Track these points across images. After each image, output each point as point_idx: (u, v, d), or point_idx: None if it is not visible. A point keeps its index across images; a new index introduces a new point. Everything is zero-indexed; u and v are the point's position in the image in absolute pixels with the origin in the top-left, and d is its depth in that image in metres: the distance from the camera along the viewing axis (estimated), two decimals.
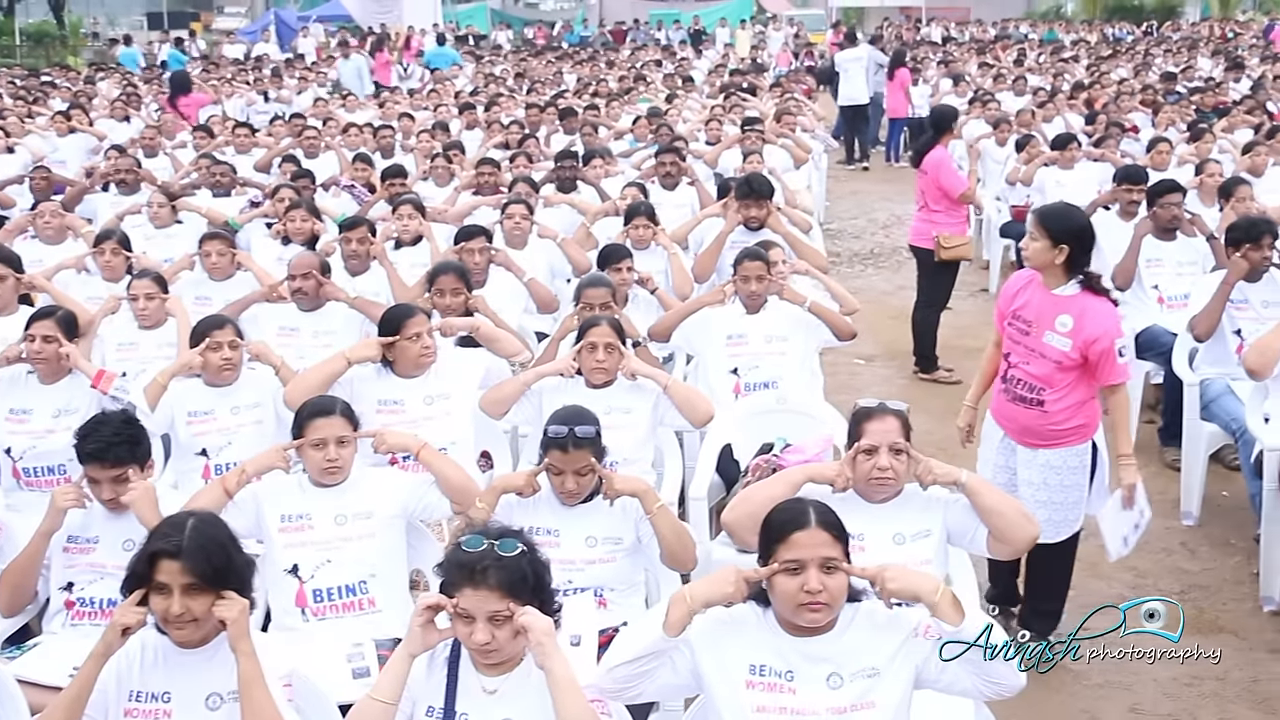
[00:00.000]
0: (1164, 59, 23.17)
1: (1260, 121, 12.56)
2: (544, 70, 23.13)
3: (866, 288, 11.72)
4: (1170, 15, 38.29)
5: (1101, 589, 5.98)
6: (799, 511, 3.21)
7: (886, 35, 29.59)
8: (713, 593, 3.18)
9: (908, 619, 3.21)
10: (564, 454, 4.25)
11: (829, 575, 3.12)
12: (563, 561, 4.25)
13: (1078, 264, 4.94)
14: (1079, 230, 4.95)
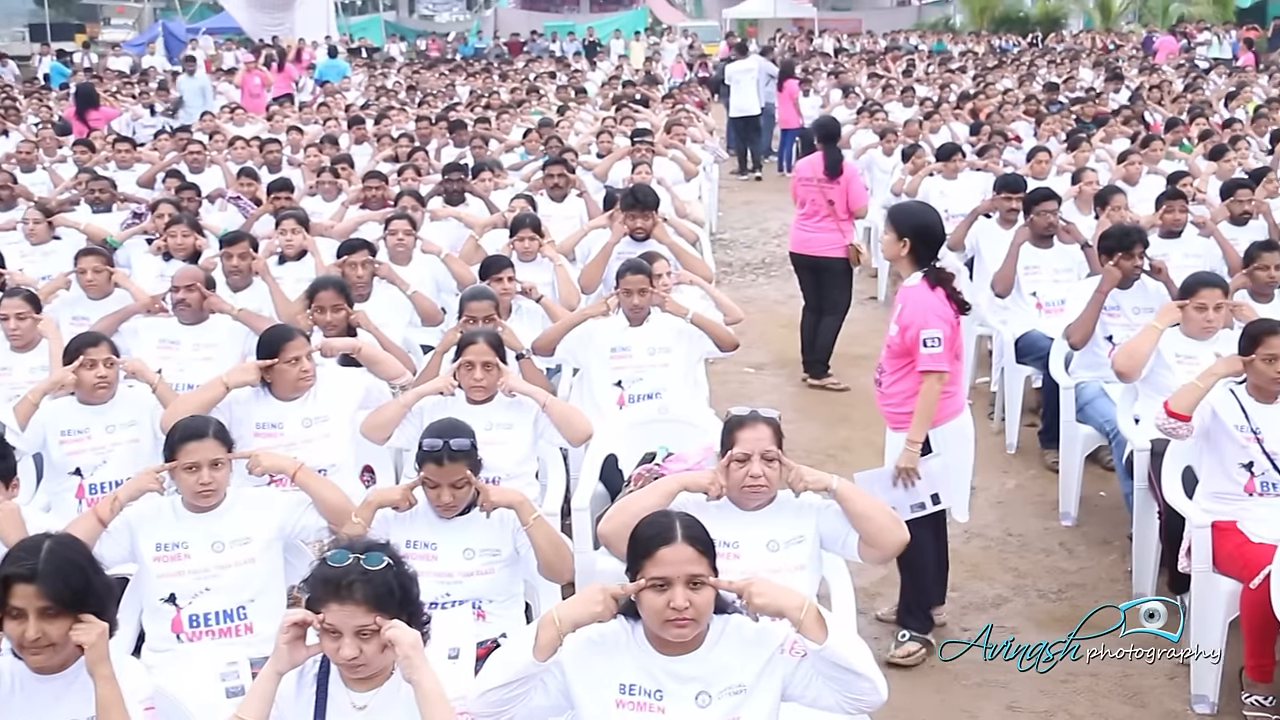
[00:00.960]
0: (1048, 70, 23.66)
1: (1137, 131, 12.87)
2: (436, 82, 23.00)
3: (758, 296, 11.84)
4: (1055, 27, 39.10)
5: (983, 589, 6.11)
6: (665, 527, 3.23)
7: (779, 47, 29.91)
8: (581, 613, 3.20)
9: (775, 634, 3.25)
10: (439, 467, 4.24)
11: (695, 591, 3.14)
12: (440, 574, 4.26)
13: (922, 257, 5.29)
14: (920, 226, 5.32)
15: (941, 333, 5.16)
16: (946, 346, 5.18)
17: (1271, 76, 21.46)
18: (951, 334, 5.22)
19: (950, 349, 5.21)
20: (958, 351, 5.33)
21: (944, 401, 5.27)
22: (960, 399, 5.45)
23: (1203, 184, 9.80)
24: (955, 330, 5.26)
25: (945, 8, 45.57)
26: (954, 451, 5.35)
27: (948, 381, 5.26)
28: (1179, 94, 17.56)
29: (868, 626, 5.61)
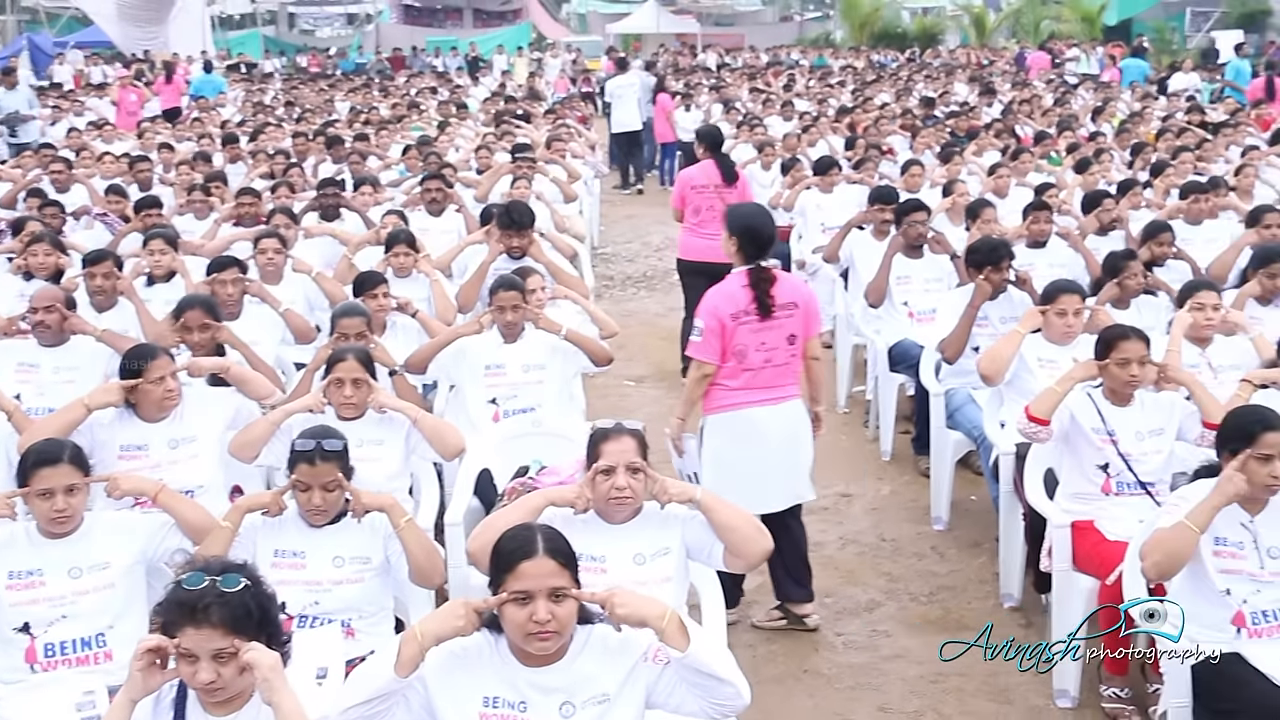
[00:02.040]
0: (924, 84, 24.07)
1: (1007, 144, 13.16)
2: (315, 98, 22.73)
3: (639, 310, 11.91)
4: (932, 43, 39.77)
5: (857, 594, 6.22)
6: (526, 540, 3.23)
7: (661, 62, 30.08)
8: (443, 628, 3.19)
9: (638, 642, 3.28)
10: (311, 467, 4.21)
11: (557, 604, 3.16)
12: (309, 583, 4.24)
13: (749, 254, 5.61)
14: (748, 226, 5.68)
15: (705, 324, 5.50)
16: (716, 339, 5.48)
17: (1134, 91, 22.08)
18: (723, 330, 5.48)
19: (722, 343, 5.50)
20: (740, 351, 5.53)
21: (716, 392, 5.59)
22: (739, 398, 5.59)
23: (1068, 196, 10.05)
24: (735, 328, 5.50)
25: (826, 23, 46.30)
26: (715, 442, 5.63)
27: (727, 376, 5.54)
28: (1049, 108, 17.98)
29: (743, 634, 5.67)
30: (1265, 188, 10.28)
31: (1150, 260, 7.54)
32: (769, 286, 5.55)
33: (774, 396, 5.64)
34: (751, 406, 5.60)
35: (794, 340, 5.65)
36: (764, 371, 5.59)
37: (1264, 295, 6.76)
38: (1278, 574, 4.21)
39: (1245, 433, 4.19)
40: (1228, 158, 12.12)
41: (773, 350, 5.59)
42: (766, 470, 5.63)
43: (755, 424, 5.62)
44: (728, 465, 5.60)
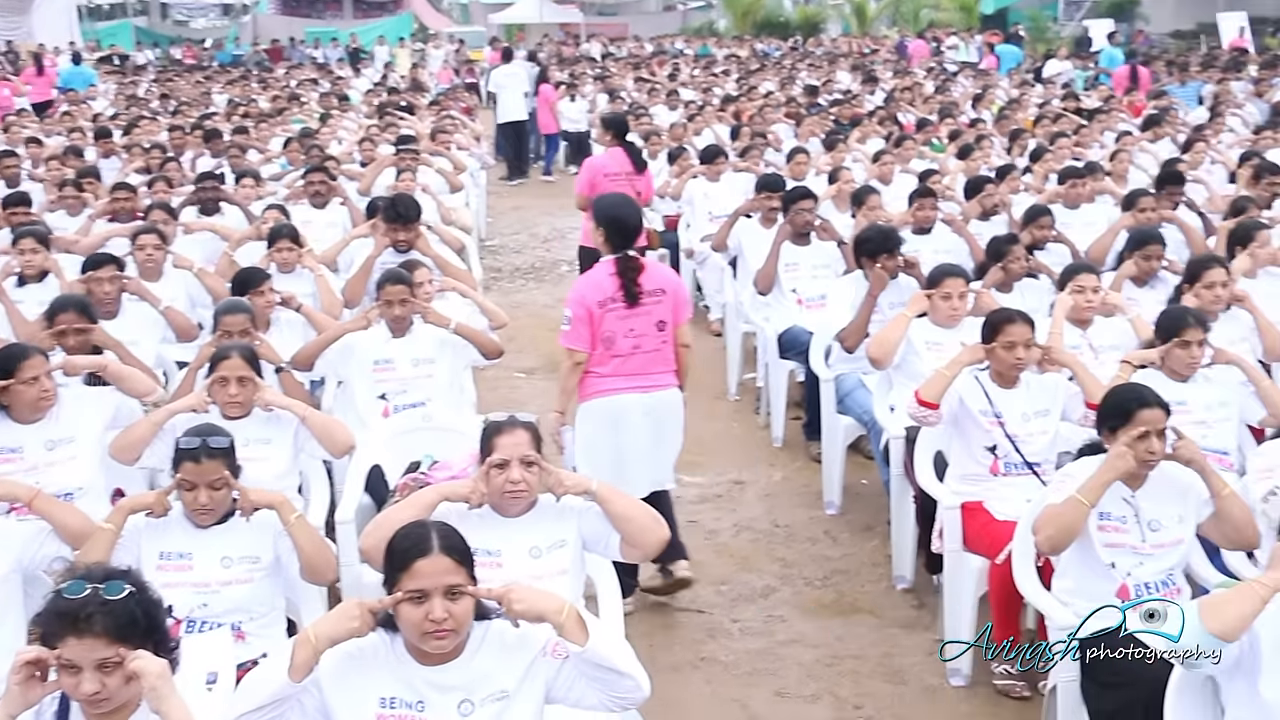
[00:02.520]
0: (808, 73, 24.27)
1: (890, 131, 13.33)
2: (191, 91, 22.19)
3: (527, 301, 11.84)
4: (814, 32, 40.12)
5: (752, 580, 6.25)
6: (420, 538, 3.19)
7: (545, 52, 29.95)
8: (337, 629, 3.13)
9: (536, 637, 3.25)
10: (197, 465, 4.11)
11: (454, 602, 3.12)
12: (197, 585, 4.14)
13: (615, 244, 5.69)
14: (613, 216, 5.76)
15: (574, 312, 5.59)
16: (584, 327, 5.56)
17: (1012, 79, 22.53)
18: (591, 318, 5.55)
19: (592, 331, 5.58)
20: (609, 339, 5.60)
21: (586, 380, 5.65)
22: (608, 385, 5.65)
23: (951, 181, 10.21)
24: (603, 315, 5.57)
25: (709, 13, 46.40)
26: (584, 429, 5.70)
27: (596, 364, 5.61)
28: (929, 96, 18.25)
29: (639, 623, 5.66)
30: (1139, 172, 10.54)
31: (1031, 244, 7.68)
32: (636, 274, 5.63)
33: (645, 384, 5.71)
34: (621, 393, 5.67)
35: (663, 327, 5.72)
36: (633, 358, 5.66)
37: (1140, 277, 6.93)
38: (1159, 546, 4.32)
39: (1123, 410, 4.29)
40: (1102, 143, 12.41)
41: (641, 337, 5.66)
42: (631, 456, 5.70)
43: (624, 411, 5.68)
44: (596, 451, 5.66)
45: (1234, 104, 15.90)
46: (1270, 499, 4.36)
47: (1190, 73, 20.57)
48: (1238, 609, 3.39)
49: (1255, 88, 18.15)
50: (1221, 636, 3.35)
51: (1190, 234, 8.28)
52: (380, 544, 3.38)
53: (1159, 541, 4.32)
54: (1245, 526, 4.29)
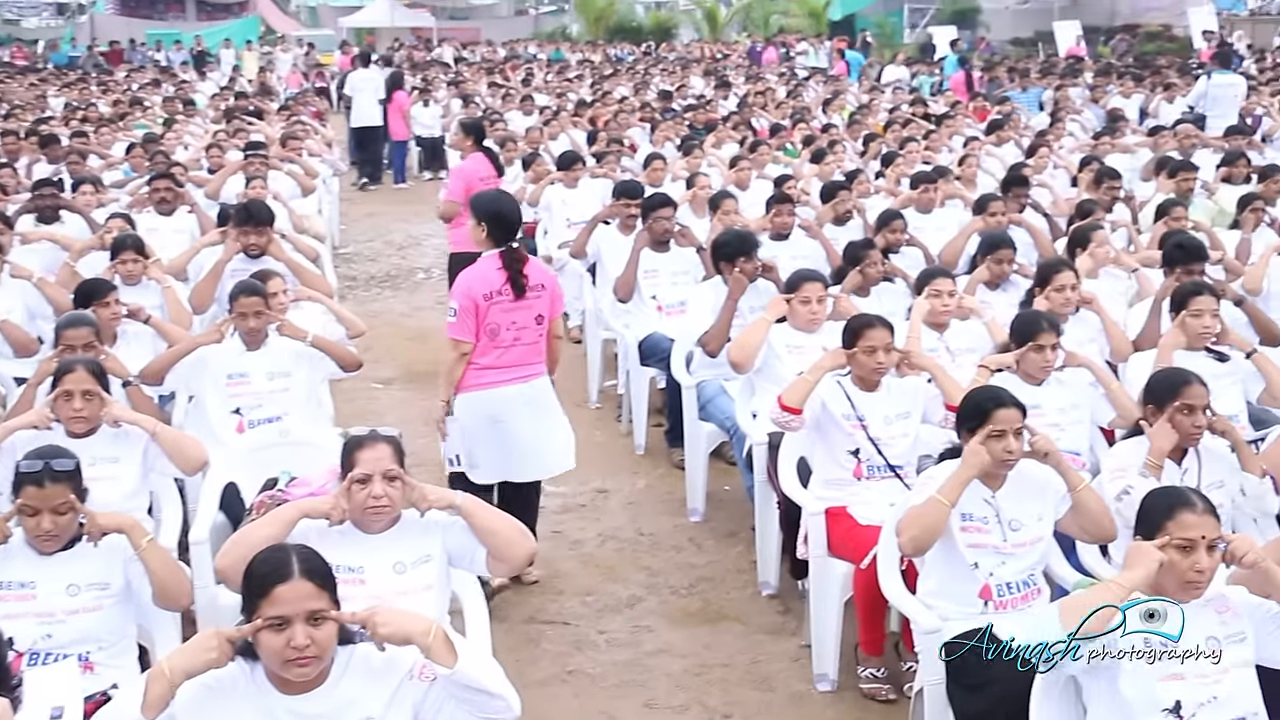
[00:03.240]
0: (661, 78, 24.39)
1: (745, 137, 13.44)
2: (25, 94, 21.36)
3: (384, 310, 11.65)
4: (666, 36, 40.40)
5: (618, 590, 6.21)
6: (280, 563, 3.09)
7: (398, 57, 29.61)
8: (193, 661, 3.02)
9: (403, 660, 3.17)
10: (39, 490, 3.93)
11: (316, 627, 3.03)
12: (41, 615, 3.96)
13: (498, 238, 5.82)
14: (494, 211, 5.88)
15: (460, 304, 5.71)
16: (470, 319, 5.69)
17: (861, 84, 22.93)
18: (477, 310, 5.67)
19: (477, 322, 5.71)
20: (493, 330, 5.75)
21: (468, 371, 5.77)
22: (490, 377, 5.81)
23: (806, 186, 10.32)
24: (489, 308, 5.70)
25: (562, 17, 46.42)
26: (465, 419, 5.82)
27: (479, 355, 5.75)
28: (782, 101, 18.48)
29: (505, 637, 5.58)
30: (986, 176, 10.77)
31: (885, 247, 7.79)
32: (521, 267, 5.80)
33: (523, 374, 5.89)
34: (502, 385, 5.83)
35: (541, 320, 5.93)
36: (514, 349, 5.83)
37: (992, 280, 7.07)
38: (1020, 545, 4.39)
39: (981, 411, 4.35)
40: (950, 148, 12.67)
41: (522, 329, 5.85)
42: (517, 444, 5.88)
43: (505, 401, 5.84)
44: (478, 441, 5.82)
45: (1073, 110, 16.40)
46: (1124, 498, 4.46)
47: (1031, 79, 21.16)
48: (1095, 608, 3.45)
49: (1091, 94, 18.78)
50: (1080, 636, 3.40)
51: (1038, 236, 8.51)
52: (238, 563, 3.27)
53: (1020, 540, 4.39)
54: (1103, 518, 4.39)
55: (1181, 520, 3.56)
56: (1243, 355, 5.78)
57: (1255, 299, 6.97)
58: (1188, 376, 4.76)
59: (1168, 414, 4.66)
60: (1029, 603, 4.37)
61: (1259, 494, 4.71)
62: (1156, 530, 3.59)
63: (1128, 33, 35.38)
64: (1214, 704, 3.52)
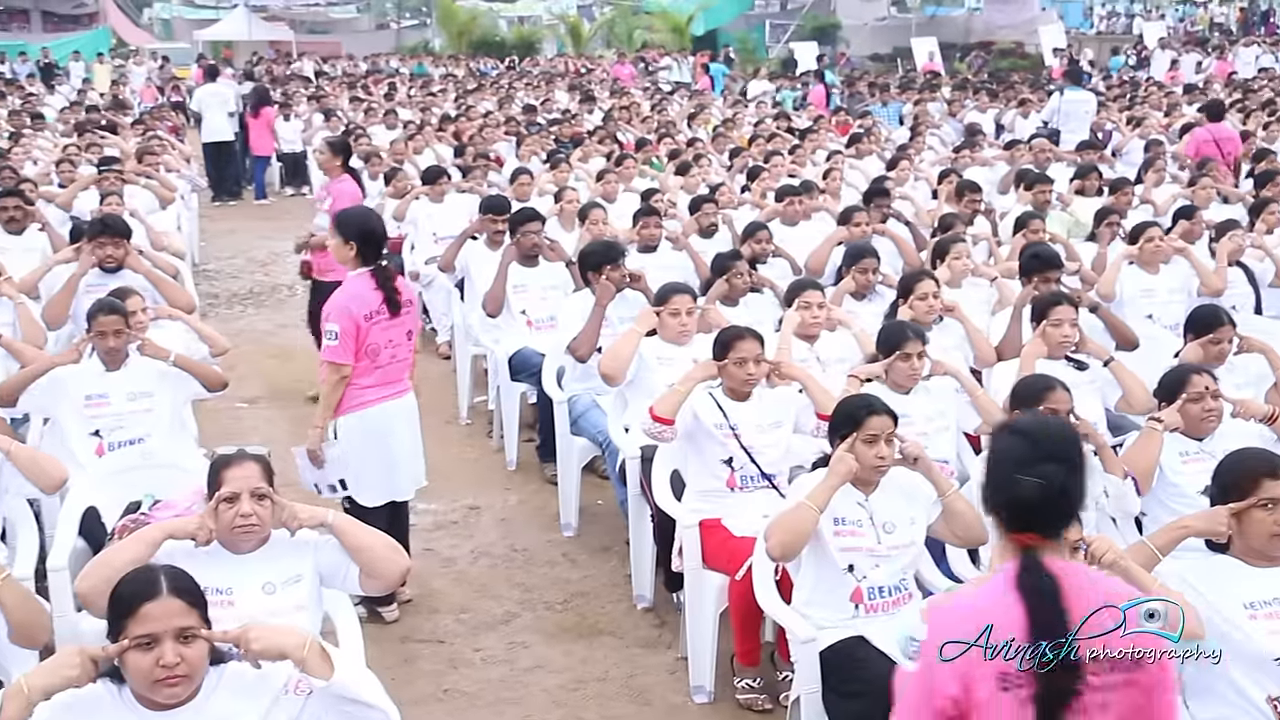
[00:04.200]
0: (526, 92, 24.36)
1: (611, 150, 13.49)
2: None
3: (248, 328, 11.41)
4: (530, 51, 40.42)
5: (492, 607, 6.15)
6: (148, 581, 3.01)
7: (257, 70, 29.11)
8: (53, 680, 2.91)
9: (277, 675, 3.11)
10: None
11: (186, 645, 2.96)
12: None
13: (367, 256, 5.73)
14: (364, 230, 5.78)
15: (341, 326, 5.57)
16: (351, 341, 5.57)
17: (725, 99, 23.18)
18: (358, 331, 5.60)
19: (357, 344, 5.60)
20: (373, 350, 5.68)
21: (349, 392, 5.66)
22: (371, 396, 5.73)
23: (673, 198, 10.37)
24: (369, 328, 5.63)
25: (424, 31, 46.12)
26: (351, 440, 5.69)
27: (359, 375, 5.65)
28: (647, 115, 18.58)
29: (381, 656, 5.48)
30: (849, 189, 10.95)
31: (752, 258, 7.87)
32: (394, 284, 5.75)
33: (398, 390, 5.90)
34: (383, 402, 5.79)
35: (410, 335, 5.93)
36: (390, 367, 5.81)
37: (858, 290, 7.18)
38: (894, 548, 4.45)
39: (853, 418, 4.42)
40: (814, 161, 12.85)
41: (398, 346, 5.82)
42: (397, 460, 5.89)
43: (387, 418, 5.81)
44: (365, 461, 5.76)
45: (932, 124, 16.79)
46: None
47: (891, 94, 21.61)
48: None
49: (949, 108, 19.25)
50: None
51: (902, 245, 8.68)
52: (100, 585, 3.18)
53: (894, 544, 4.45)
54: (974, 522, 4.48)
55: None
56: (1100, 364, 5.95)
57: (1109, 304, 7.18)
58: (1050, 382, 4.90)
59: None
60: (899, 607, 4.42)
61: (1121, 495, 4.85)
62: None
63: (982, 49, 36.42)
64: None
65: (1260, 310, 7.93)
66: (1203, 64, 29.14)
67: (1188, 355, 5.83)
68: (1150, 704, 2.73)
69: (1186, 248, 7.91)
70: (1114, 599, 2.75)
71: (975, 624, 2.66)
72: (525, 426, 8.02)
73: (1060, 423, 3.44)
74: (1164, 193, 10.56)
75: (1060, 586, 2.69)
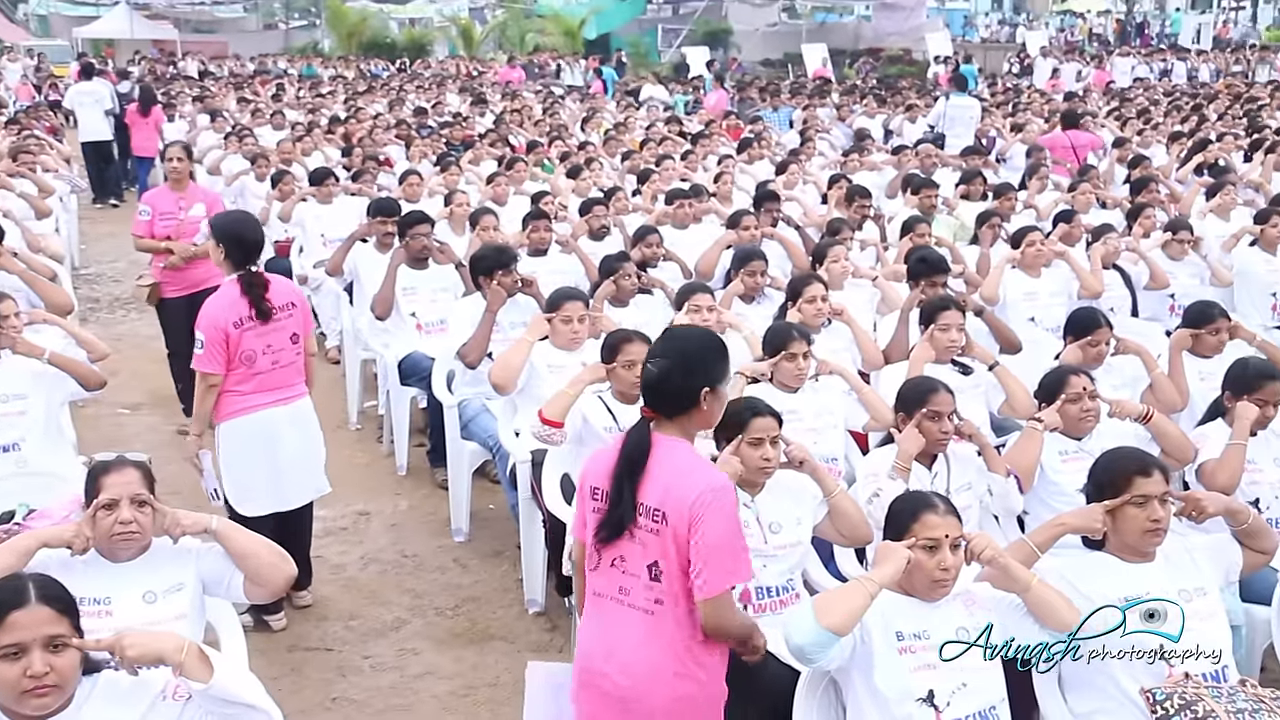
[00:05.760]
0: (416, 95, 24.15)
1: (503, 154, 13.43)
2: None
3: (129, 333, 11.17)
4: (421, 53, 40.10)
5: (382, 614, 6.10)
6: (15, 590, 2.94)
7: (139, 69, 28.53)
8: None
9: (153, 682, 3.05)
10: None
11: (56, 654, 2.88)
12: None
13: (237, 261, 5.71)
14: (234, 234, 5.75)
15: (207, 335, 5.58)
16: (219, 349, 5.57)
17: (618, 103, 23.21)
18: (227, 340, 5.57)
19: (229, 353, 5.60)
20: (249, 357, 5.66)
21: (227, 399, 5.66)
22: (251, 402, 5.71)
23: (564, 201, 10.36)
24: (240, 335, 5.61)
25: (313, 32, 45.50)
26: (231, 448, 5.70)
27: (238, 383, 5.65)
28: (539, 118, 18.54)
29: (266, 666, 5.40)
30: (740, 193, 11.03)
31: (642, 261, 7.90)
32: (263, 290, 5.69)
33: (286, 396, 5.83)
34: (265, 409, 5.72)
35: (296, 339, 5.85)
36: (274, 373, 5.75)
37: (747, 293, 7.24)
38: (780, 548, 4.49)
39: (738, 420, 4.44)
40: (705, 166, 12.93)
41: (279, 351, 5.77)
42: (285, 469, 5.82)
43: (270, 425, 5.76)
44: (246, 470, 5.72)
45: (821, 128, 16.98)
46: (874, 500, 4.62)
47: (781, 99, 21.81)
48: (847, 604, 3.54)
49: (838, 113, 19.49)
50: (833, 631, 3.49)
51: (790, 248, 8.76)
52: None
53: (780, 543, 4.49)
54: (859, 523, 4.54)
55: (926, 521, 3.71)
56: (985, 368, 6.06)
57: (993, 307, 7.32)
58: (934, 385, 4.97)
59: (915, 420, 4.85)
60: (786, 607, 4.45)
61: (1004, 493, 4.95)
62: (904, 532, 3.73)
63: (871, 56, 36.94)
64: (964, 691, 3.66)
65: (1136, 312, 8.14)
66: (1082, 73, 29.90)
67: (1067, 357, 5.97)
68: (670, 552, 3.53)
69: (1067, 251, 8.09)
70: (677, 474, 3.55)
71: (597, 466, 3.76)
72: (416, 431, 7.96)
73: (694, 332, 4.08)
74: (1046, 198, 10.78)
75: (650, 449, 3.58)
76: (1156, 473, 3.99)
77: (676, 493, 3.52)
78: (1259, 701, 3.65)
